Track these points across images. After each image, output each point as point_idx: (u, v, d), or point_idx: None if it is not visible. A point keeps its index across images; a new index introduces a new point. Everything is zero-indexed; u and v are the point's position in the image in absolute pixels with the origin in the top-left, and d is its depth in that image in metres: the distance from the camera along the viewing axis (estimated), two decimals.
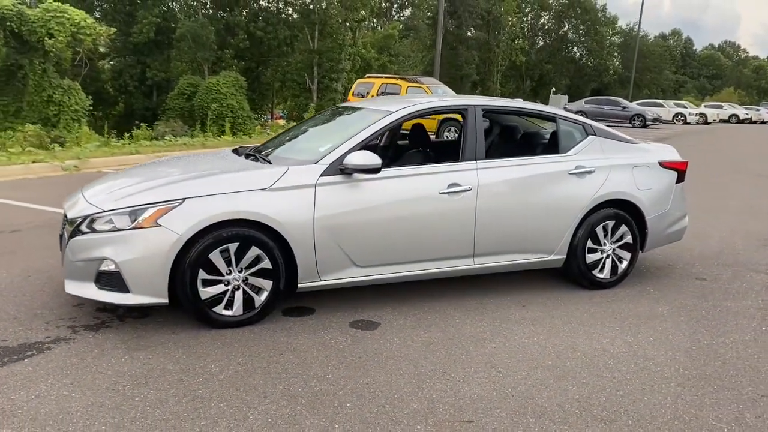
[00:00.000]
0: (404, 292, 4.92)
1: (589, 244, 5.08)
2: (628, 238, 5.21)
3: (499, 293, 5.02)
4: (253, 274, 4.11)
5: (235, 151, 5.15)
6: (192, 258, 3.91)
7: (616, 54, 59.23)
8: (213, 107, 23.29)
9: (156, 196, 3.99)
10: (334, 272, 4.36)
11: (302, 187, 4.20)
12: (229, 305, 4.10)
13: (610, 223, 5.12)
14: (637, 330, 4.37)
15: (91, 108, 26.05)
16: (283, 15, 34.54)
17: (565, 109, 33.42)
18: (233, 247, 4.01)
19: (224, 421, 3.01)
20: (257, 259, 4.10)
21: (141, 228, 3.87)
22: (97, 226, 3.96)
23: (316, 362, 3.68)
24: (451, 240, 4.63)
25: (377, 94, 17.16)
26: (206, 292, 4.00)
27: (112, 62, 34.70)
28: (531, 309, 4.71)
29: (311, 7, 33.68)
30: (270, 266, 4.13)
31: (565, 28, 56.52)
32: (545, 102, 38.75)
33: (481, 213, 4.66)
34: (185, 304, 3.99)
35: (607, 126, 5.49)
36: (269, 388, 3.35)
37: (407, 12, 50.00)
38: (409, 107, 4.78)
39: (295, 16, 34.54)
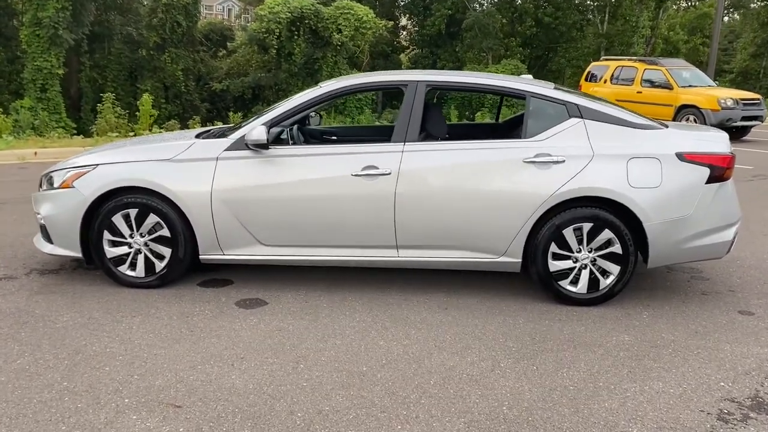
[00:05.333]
0: (337, 277, 4.69)
1: (555, 248, 4.18)
2: (616, 248, 4.14)
3: (439, 292, 4.45)
4: (153, 240, 4.36)
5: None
6: (98, 219, 4.32)
7: None
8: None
9: (82, 161, 4.49)
10: (237, 248, 4.37)
11: (203, 159, 4.30)
12: (133, 267, 4.41)
13: (586, 226, 4.13)
14: (508, 353, 3.51)
15: (374, 97, 28.47)
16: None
17: None
18: (133, 212, 4.31)
19: None
20: (158, 226, 4.34)
21: (61, 188, 4.40)
22: (53, 183, 4.59)
23: (144, 328, 3.78)
24: (367, 227, 4.25)
25: (610, 78, 15.56)
26: (112, 252, 4.38)
27: (410, 54, 37.25)
28: (446, 313, 4.09)
29: None
30: (169, 234, 4.33)
31: None
32: None
33: (402, 200, 4.18)
34: (96, 260, 4.43)
35: None
36: (68, 340, 3.59)
37: None
38: (338, 84, 4.52)
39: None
